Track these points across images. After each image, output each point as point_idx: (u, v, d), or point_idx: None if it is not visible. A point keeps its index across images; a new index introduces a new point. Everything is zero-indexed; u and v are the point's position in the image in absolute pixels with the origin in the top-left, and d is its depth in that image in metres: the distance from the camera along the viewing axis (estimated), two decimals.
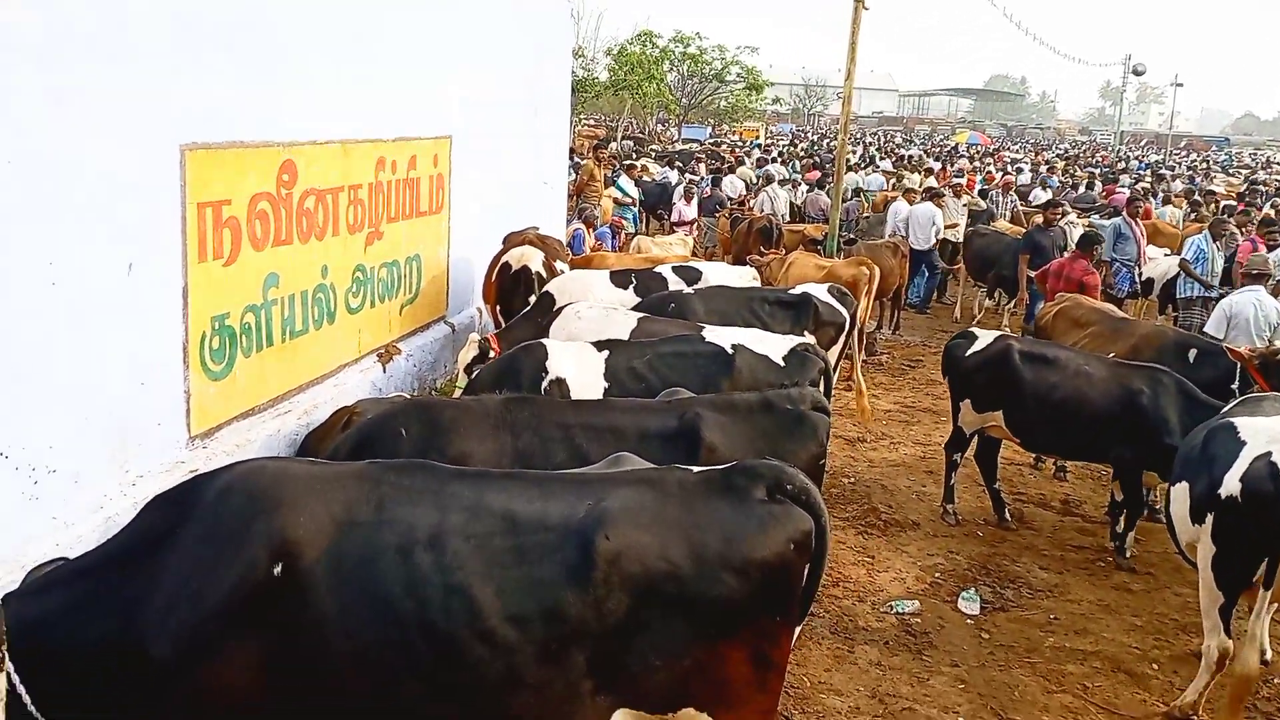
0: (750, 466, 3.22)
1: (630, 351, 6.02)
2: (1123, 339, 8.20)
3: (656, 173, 22.05)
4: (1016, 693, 5.45)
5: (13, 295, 4.78)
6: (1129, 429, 6.82)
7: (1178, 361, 7.64)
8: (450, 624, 2.87)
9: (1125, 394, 6.88)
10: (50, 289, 5.00)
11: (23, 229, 4.80)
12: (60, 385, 5.11)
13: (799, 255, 12.06)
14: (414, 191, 9.02)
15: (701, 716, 3.01)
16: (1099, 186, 24.23)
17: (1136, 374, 7.03)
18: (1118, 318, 8.98)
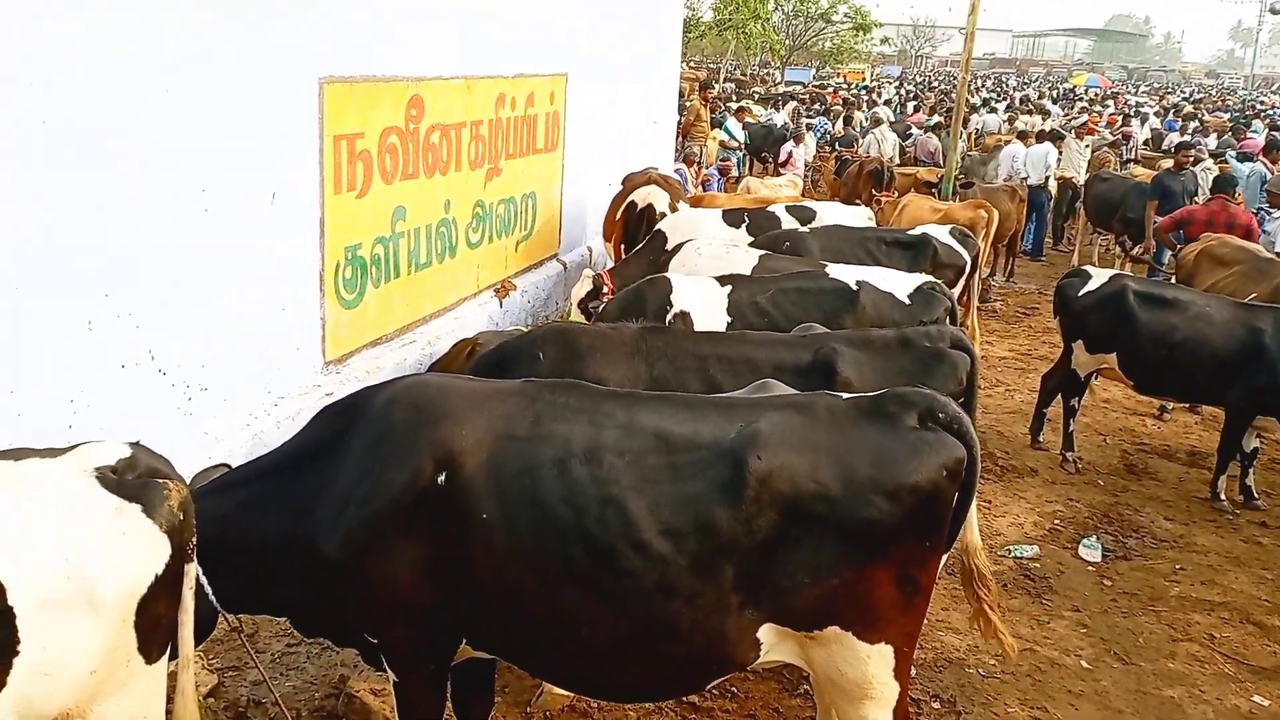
0: (902, 394, 3.22)
1: (753, 286, 6.03)
2: (1267, 279, 7.81)
3: (760, 115, 21.72)
4: (1141, 639, 5.38)
5: (172, 221, 5.03)
6: (1249, 370, 6.59)
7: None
8: (606, 534, 2.97)
9: (1247, 334, 6.67)
10: (203, 215, 5.24)
11: (178, 157, 5.02)
12: (212, 308, 5.38)
13: (913, 198, 11.81)
14: (531, 129, 9.11)
15: (846, 635, 3.06)
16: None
17: (1261, 314, 6.79)
18: (1264, 257, 8.56)
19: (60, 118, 4.36)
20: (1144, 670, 5.09)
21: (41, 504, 2.44)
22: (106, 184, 4.63)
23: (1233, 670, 5.16)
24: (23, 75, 4.18)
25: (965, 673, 4.97)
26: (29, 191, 4.27)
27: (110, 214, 4.66)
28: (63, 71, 4.35)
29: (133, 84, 4.71)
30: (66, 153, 4.41)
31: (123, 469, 2.64)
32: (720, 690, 4.61)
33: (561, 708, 4.42)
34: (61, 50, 4.34)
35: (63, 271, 4.47)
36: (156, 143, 4.88)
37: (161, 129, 4.90)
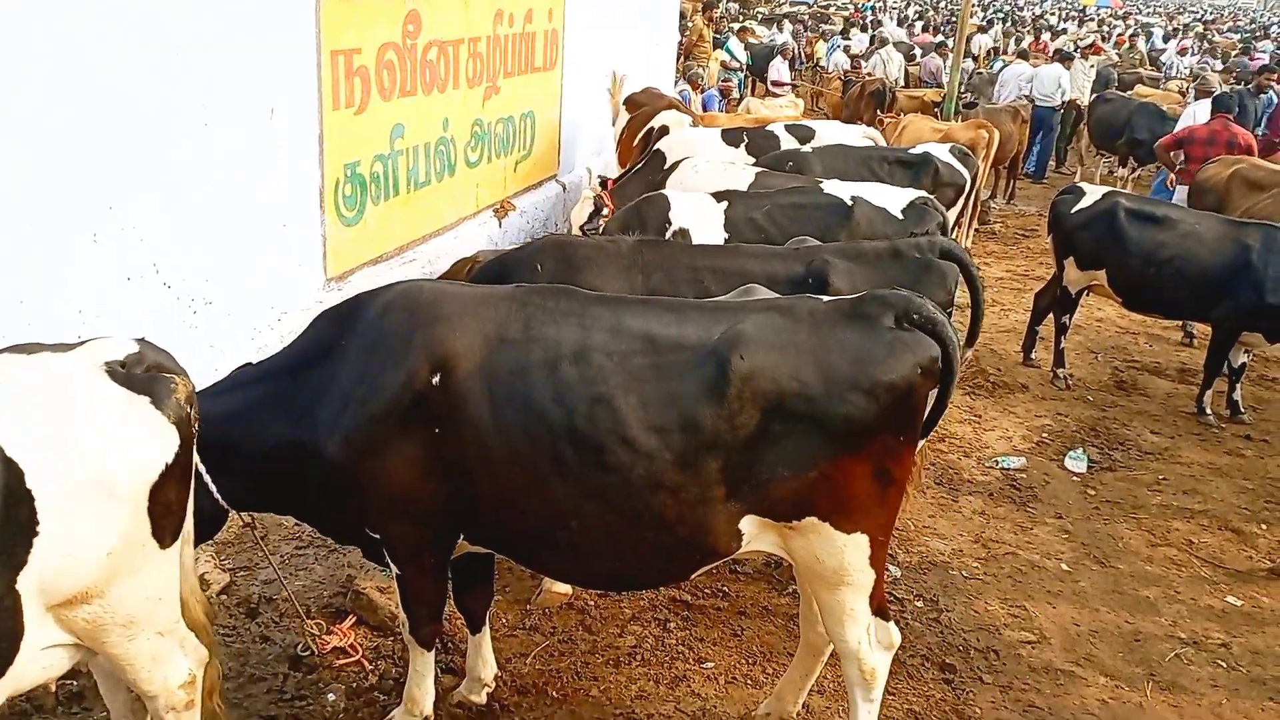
0: (880, 295, 3.31)
1: (749, 202, 6.07)
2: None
3: (763, 35, 21.39)
4: (1120, 544, 5.56)
5: (171, 135, 5.09)
6: (1234, 287, 6.68)
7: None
8: (595, 431, 3.09)
9: (1234, 251, 6.74)
10: (203, 129, 5.30)
11: (177, 70, 5.06)
12: (214, 223, 5.46)
13: (914, 118, 11.76)
14: (529, 46, 9.05)
15: (824, 525, 3.20)
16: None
17: (1250, 230, 6.84)
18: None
19: (61, 33, 4.40)
20: (1121, 572, 5.28)
21: (55, 394, 2.56)
22: (107, 97, 4.67)
23: (1209, 573, 5.34)
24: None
25: (949, 574, 5.16)
26: (33, 108, 4.33)
27: (111, 127, 4.72)
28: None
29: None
30: (69, 68, 4.46)
31: (130, 363, 2.76)
32: (712, 590, 4.81)
33: (560, 604, 4.62)
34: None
35: (67, 184, 4.55)
36: (156, 56, 4.91)
37: (161, 42, 4.93)
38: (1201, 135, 9.60)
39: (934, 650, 4.51)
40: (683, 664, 4.26)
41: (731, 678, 4.21)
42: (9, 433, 2.42)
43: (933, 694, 4.22)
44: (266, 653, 4.18)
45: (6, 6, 4.17)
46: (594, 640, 4.38)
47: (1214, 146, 9.38)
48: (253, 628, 4.33)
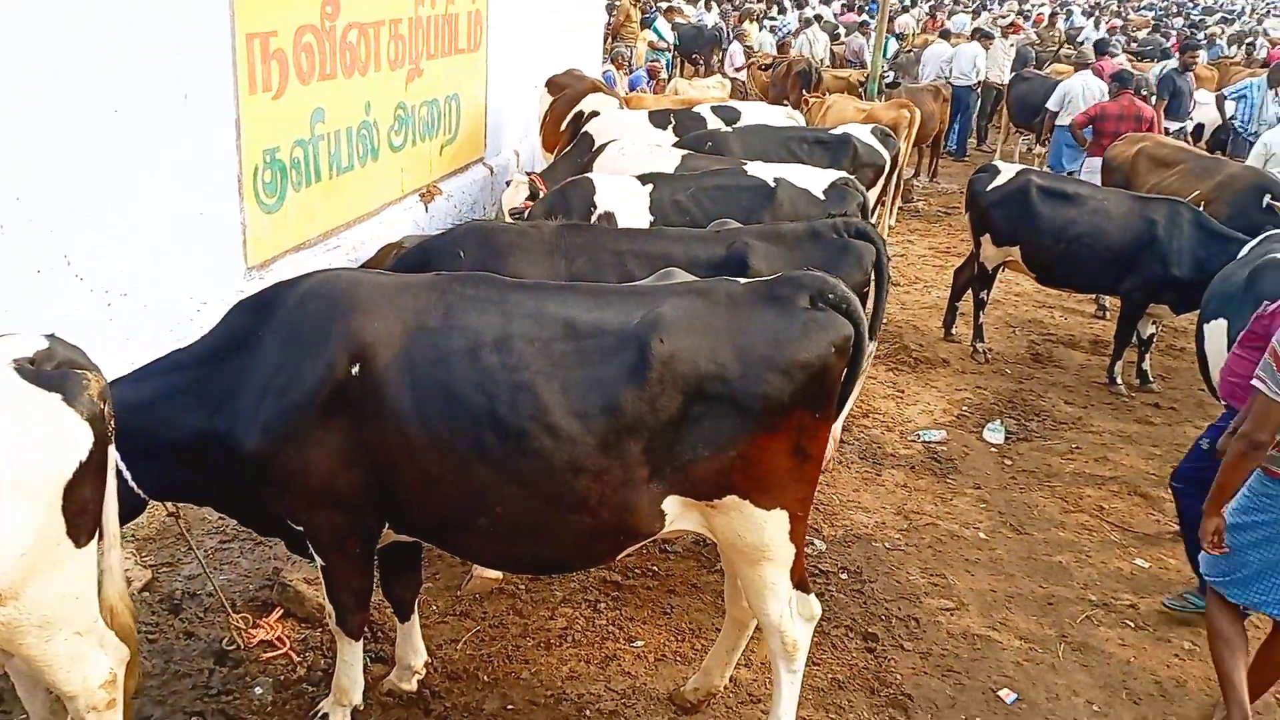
0: (795, 277, 3.40)
1: (674, 185, 6.13)
2: (1209, 178, 8.00)
3: (691, 15, 21.41)
4: (1035, 512, 5.76)
5: (79, 123, 4.95)
6: (1142, 261, 6.94)
7: (1252, 203, 7.49)
8: (517, 418, 3.12)
9: (1141, 226, 6.99)
10: (113, 116, 5.16)
11: (83, 55, 4.92)
12: (127, 213, 5.33)
13: (838, 99, 11.90)
14: (452, 28, 8.96)
15: (744, 503, 3.28)
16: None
17: (1154, 206, 7.11)
18: (1207, 156, 8.85)
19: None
20: (1036, 539, 5.48)
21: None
22: (9, 85, 4.53)
23: (1119, 538, 5.57)
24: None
25: (872, 546, 5.30)
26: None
27: (16, 116, 4.57)
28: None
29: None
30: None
31: (40, 360, 2.71)
32: (642, 569, 4.88)
33: (491, 590, 4.64)
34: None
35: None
36: (62, 41, 4.77)
37: (67, 26, 4.79)
38: (1113, 112, 9.95)
39: (857, 620, 4.64)
40: (613, 644, 4.33)
41: (661, 655, 4.29)
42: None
43: (856, 662, 4.34)
44: (191, 649, 4.14)
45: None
46: (525, 624, 4.42)
47: (1125, 122, 9.77)
48: (176, 624, 4.28)
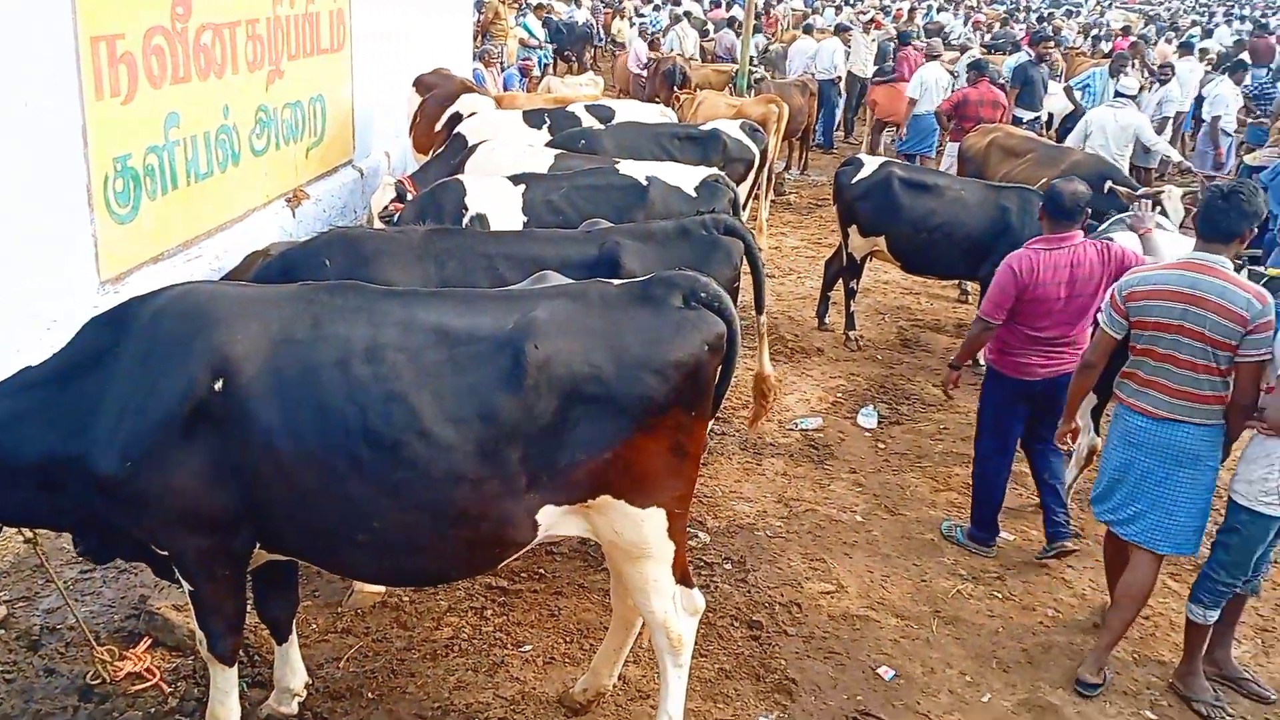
0: (667, 277, 3.43)
1: (547, 185, 6.10)
2: (1055, 165, 8.40)
3: (563, 11, 21.37)
4: (907, 492, 5.98)
5: None
6: (997, 246, 7.26)
7: (1097, 189, 7.93)
8: (391, 429, 3.07)
9: (996, 214, 7.32)
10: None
11: None
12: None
13: (709, 95, 12.07)
14: (314, 27, 8.71)
15: (619, 503, 3.30)
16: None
17: (1007, 194, 7.46)
18: (1052, 146, 9.34)
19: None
20: (909, 519, 5.68)
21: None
22: None
23: None
24: None
25: (754, 535, 5.41)
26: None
27: None
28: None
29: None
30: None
31: None
32: (528, 572, 4.86)
33: (373, 604, 4.55)
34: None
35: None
36: None
37: None
38: (973, 98, 10.66)
39: (742, 609, 4.73)
40: (501, 650, 4.30)
41: (550, 658, 4.28)
42: None
43: (742, 651, 4.43)
44: (53, 686, 3.93)
45: None
46: (410, 636, 4.35)
47: (984, 107, 10.51)
48: (36, 661, 4.05)
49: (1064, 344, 5.00)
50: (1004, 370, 5.13)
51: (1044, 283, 4.84)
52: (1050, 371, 5.03)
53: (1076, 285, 4.86)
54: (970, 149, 9.47)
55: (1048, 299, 4.87)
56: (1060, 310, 4.91)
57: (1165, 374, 4.13)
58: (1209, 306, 3.98)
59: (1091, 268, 4.85)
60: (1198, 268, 4.07)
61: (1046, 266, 4.85)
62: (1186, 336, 4.04)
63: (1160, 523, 4.23)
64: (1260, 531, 4.06)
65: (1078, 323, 4.97)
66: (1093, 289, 4.87)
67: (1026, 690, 4.33)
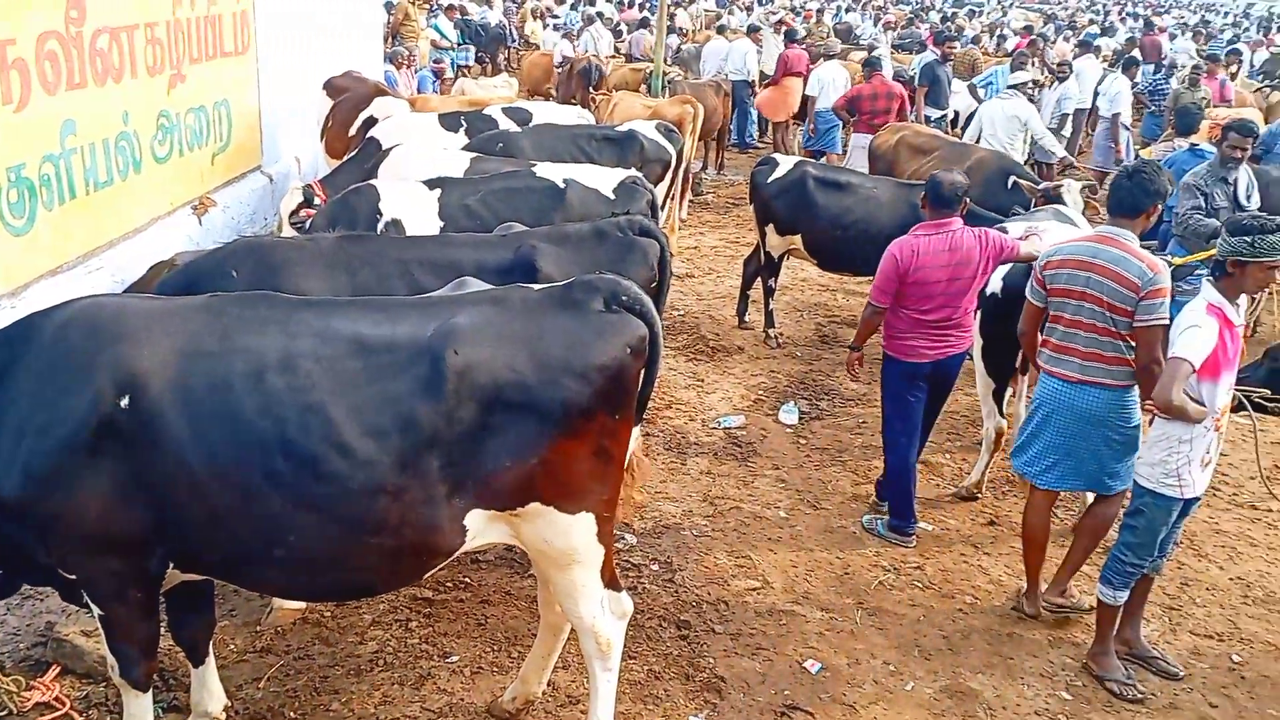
0: (588, 281, 3.42)
1: (463, 189, 6.04)
2: (961, 163, 8.52)
3: (475, 12, 21.18)
4: (829, 487, 6.07)
5: None
6: None
7: (999, 185, 8.14)
8: (308, 441, 3.00)
9: (907, 211, 7.47)
10: None
11: None
12: None
13: (624, 95, 12.09)
14: (216, 30, 8.47)
15: (549, 509, 3.28)
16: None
17: (917, 192, 7.59)
18: (958, 143, 9.59)
19: None
20: (831, 513, 5.77)
21: None
22: None
23: None
24: None
25: (680, 535, 5.44)
26: None
27: None
28: None
29: None
30: None
31: None
32: (454, 582, 4.80)
33: (294, 621, 4.45)
34: None
35: None
36: None
37: None
38: (867, 92, 11.16)
39: (670, 610, 4.75)
40: (427, 662, 4.24)
41: (478, 668, 4.24)
42: None
43: (670, 652, 4.44)
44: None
45: None
46: (333, 652, 4.26)
47: (879, 99, 11.03)
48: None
49: (949, 326, 5.27)
50: (896, 354, 5.41)
51: (924, 266, 5.11)
52: (938, 353, 5.30)
53: (955, 269, 5.13)
54: (880, 147, 9.69)
55: (929, 282, 5.14)
56: (941, 293, 5.16)
57: (1075, 339, 4.48)
58: (1108, 274, 4.34)
59: (969, 252, 5.13)
60: (1102, 239, 4.48)
61: (926, 251, 5.12)
62: (1089, 302, 4.41)
63: (1075, 468, 4.59)
64: (1163, 513, 4.24)
65: (959, 305, 5.24)
66: (971, 272, 5.15)
67: (948, 677, 4.43)
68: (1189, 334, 3.95)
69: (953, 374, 5.35)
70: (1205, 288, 4.12)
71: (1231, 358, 4.05)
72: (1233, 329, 4.03)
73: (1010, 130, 10.11)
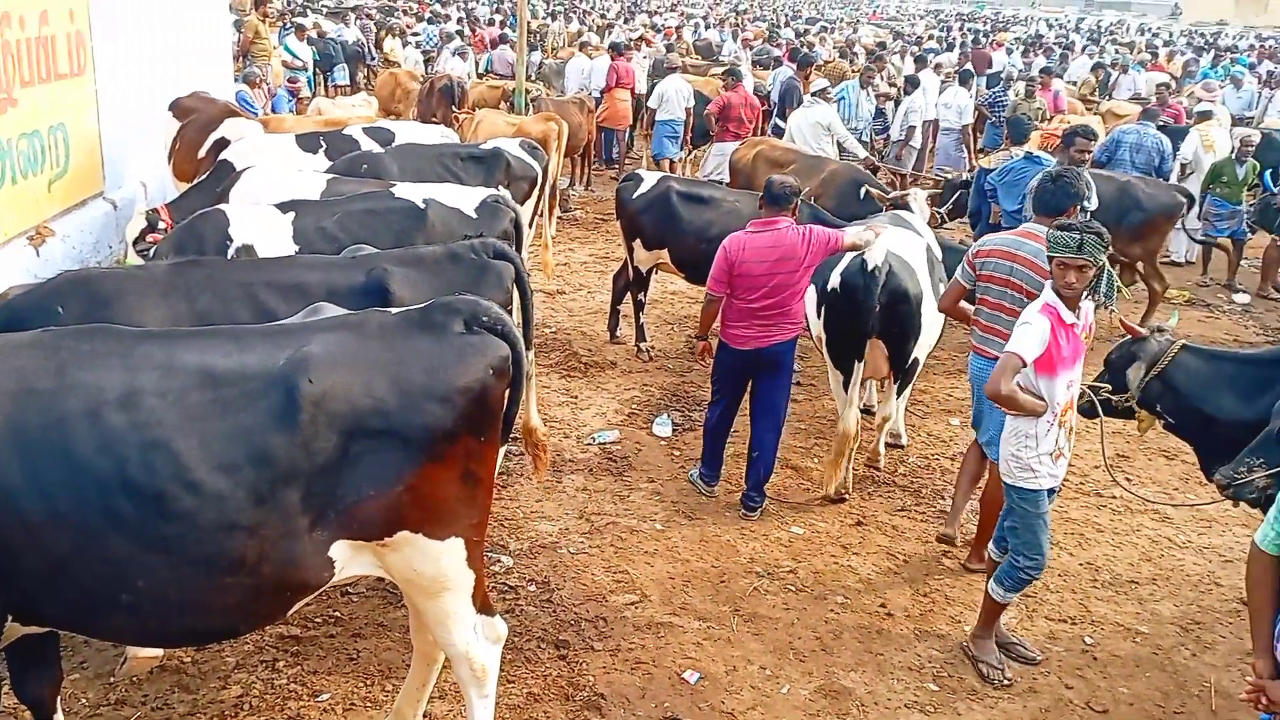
0: (447, 303, 3.38)
1: (318, 211, 5.86)
2: (816, 175, 9.00)
3: (331, 30, 20.69)
4: (704, 497, 6.14)
5: None
6: None
7: (852, 195, 8.57)
8: (154, 480, 2.86)
9: None
10: None
11: None
12: None
13: (488, 114, 12.01)
14: (49, 51, 8.01)
15: (417, 537, 3.21)
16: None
17: None
18: (813, 156, 9.92)
19: None
20: (706, 522, 5.84)
21: None
22: None
23: (776, 509, 6.07)
24: None
25: (558, 554, 5.41)
26: None
27: None
28: None
29: None
30: None
31: None
32: (323, 617, 4.66)
33: (151, 669, 4.22)
34: None
35: None
36: None
37: None
38: (735, 100, 11.71)
39: (548, 630, 4.71)
40: (296, 703, 4.09)
41: (350, 704, 4.11)
42: None
43: (550, 672, 4.41)
44: None
45: None
46: (194, 700, 4.06)
47: (745, 108, 11.83)
48: None
49: (775, 315, 5.68)
50: (727, 341, 5.88)
51: (750, 260, 5.56)
52: (761, 342, 5.74)
53: (778, 263, 5.56)
54: (739, 162, 9.96)
55: (754, 274, 5.58)
56: (766, 285, 5.59)
57: (999, 321, 4.96)
58: (1029, 265, 4.87)
59: (792, 248, 5.55)
60: (1025, 234, 5.05)
61: (753, 246, 5.58)
62: (1011, 289, 4.94)
63: (995, 436, 4.80)
64: (1031, 505, 4.43)
65: (784, 296, 5.63)
66: (793, 266, 5.57)
67: (822, 677, 4.54)
68: (1020, 330, 4.23)
69: (780, 359, 5.79)
70: (1046, 289, 4.35)
71: (1067, 356, 4.27)
72: (1068, 329, 4.26)
73: (817, 135, 10.78)
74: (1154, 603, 5.29)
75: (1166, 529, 6.03)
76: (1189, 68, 21.73)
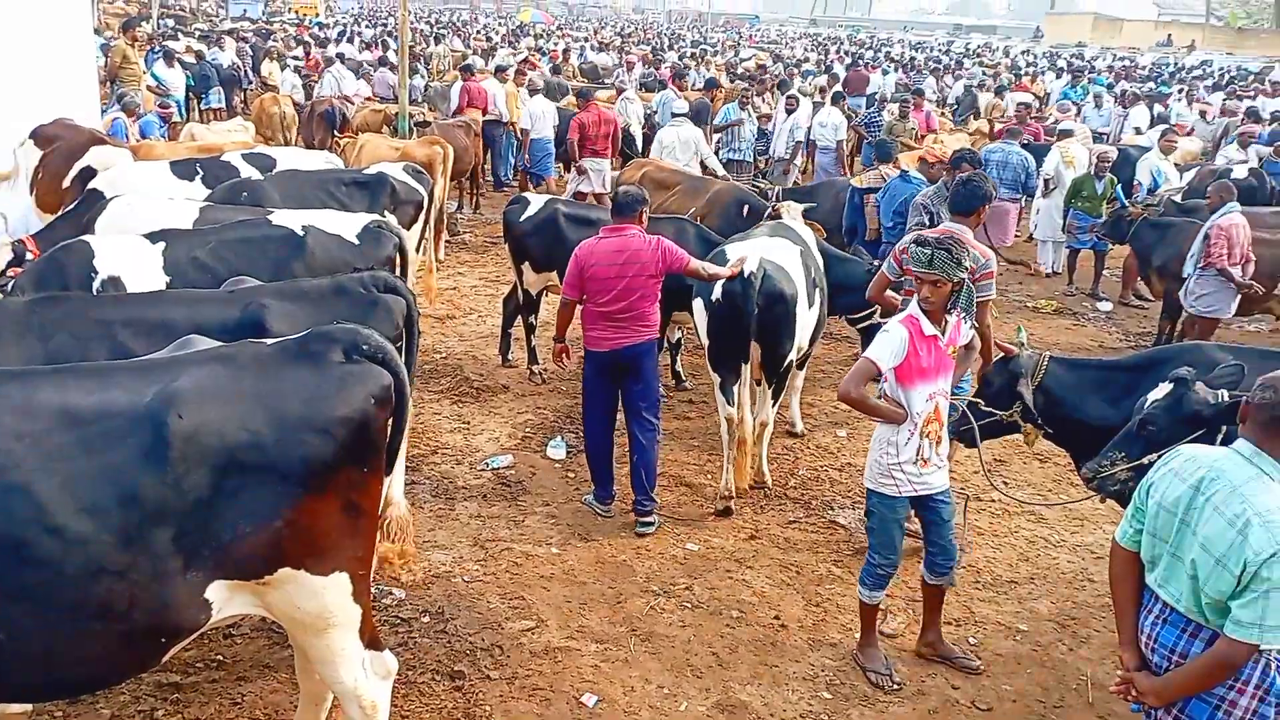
0: (326, 332, 3.30)
1: (190, 241, 5.67)
2: (701, 195, 9.32)
3: (207, 54, 20.07)
4: (599, 518, 6.14)
5: None
6: None
7: (735, 213, 8.84)
8: (11, 525, 2.72)
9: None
10: None
11: None
12: None
13: (371, 138, 11.85)
14: None
15: (299, 573, 3.12)
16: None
17: (663, 225, 7.93)
18: (697, 177, 10.17)
19: None
20: (602, 543, 5.84)
21: None
22: None
23: (671, 526, 6.10)
24: None
25: (451, 583, 5.33)
26: None
27: None
28: None
29: None
30: None
31: None
32: (205, 661, 4.48)
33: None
34: None
35: None
36: None
37: None
38: (588, 120, 12.10)
39: (443, 661, 4.63)
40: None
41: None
42: None
43: (444, 704, 4.33)
44: None
45: None
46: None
47: (601, 125, 12.09)
48: None
49: (627, 317, 5.86)
50: (588, 345, 6.03)
51: (598, 263, 5.79)
52: (616, 343, 5.88)
53: (624, 267, 5.77)
54: (626, 182, 10.01)
55: (603, 277, 5.80)
56: (614, 288, 5.78)
57: None
58: None
59: (640, 253, 5.80)
60: (945, 233, 5.16)
61: (601, 250, 5.82)
62: None
63: None
64: (889, 510, 4.58)
65: (634, 299, 5.82)
66: (638, 270, 5.79)
67: (719, 692, 4.57)
68: (878, 337, 4.45)
69: (639, 361, 5.93)
70: (911, 301, 4.52)
71: (928, 368, 4.41)
72: (929, 340, 4.40)
73: (685, 151, 11.42)
74: (1032, 601, 5.50)
75: (1042, 529, 6.29)
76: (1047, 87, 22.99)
